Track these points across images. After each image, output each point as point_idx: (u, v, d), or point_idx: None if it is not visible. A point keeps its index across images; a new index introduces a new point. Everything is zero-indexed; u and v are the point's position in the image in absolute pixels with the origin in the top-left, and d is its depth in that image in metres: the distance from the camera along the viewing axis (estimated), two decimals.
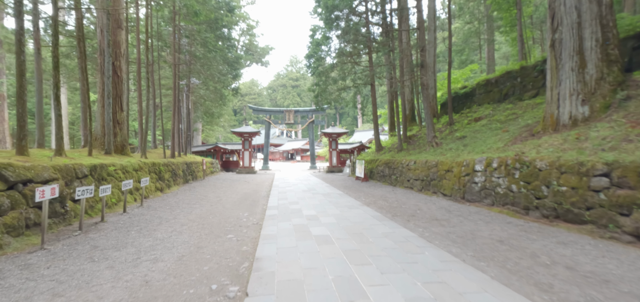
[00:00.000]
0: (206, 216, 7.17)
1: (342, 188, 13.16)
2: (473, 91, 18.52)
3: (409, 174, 11.91)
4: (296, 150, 62.09)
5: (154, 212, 7.45)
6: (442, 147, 12.36)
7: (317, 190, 12.36)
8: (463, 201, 8.30)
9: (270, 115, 31.59)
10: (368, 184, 14.73)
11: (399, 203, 8.88)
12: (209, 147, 25.32)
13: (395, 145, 18.80)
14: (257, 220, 6.82)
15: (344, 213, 7.39)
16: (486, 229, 5.69)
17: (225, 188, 13.21)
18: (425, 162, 10.83)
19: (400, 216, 7.15)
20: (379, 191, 11.97)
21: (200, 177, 17.08)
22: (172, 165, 12.93)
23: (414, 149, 15.43)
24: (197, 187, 13.09)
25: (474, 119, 15.00)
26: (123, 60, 10.98)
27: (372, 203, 9.06)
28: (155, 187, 10.42)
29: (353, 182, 15.76)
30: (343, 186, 14.30)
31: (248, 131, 23.18)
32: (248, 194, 11.47)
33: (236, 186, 14.30)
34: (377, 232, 5.58)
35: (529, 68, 14.68)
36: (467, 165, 8.38)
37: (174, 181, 12.68)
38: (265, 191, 12.45)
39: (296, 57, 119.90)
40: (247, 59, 42.94)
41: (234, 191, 12.36)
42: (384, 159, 15.21)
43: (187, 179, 14.70)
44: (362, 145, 25.87)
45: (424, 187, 10.61)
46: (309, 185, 14.41)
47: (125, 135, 11.01)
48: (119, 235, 5.40)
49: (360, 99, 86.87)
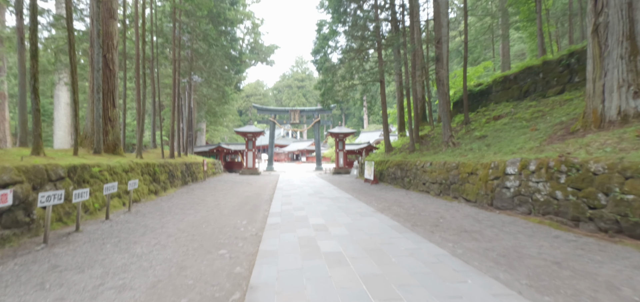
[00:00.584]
0: (199, 225, 6.28)
1: (351, 191, 12.20)
2: (489, 89, 17.44)
3: (425, 177, 10.91)
4: (301, 151, 61.27)
5: (140, 220, 6.59)
6: (460, 147, 11.32)
7: (324, 193, 11.43)
8: (491, 208, 7.28)
9: (275, 115, 30.77)
10: (378, 187, 13.75)
11: (417, 210, 7.90)
12: (211, 147, 24.56)
13: (406, 145, 17.78)
14: (256, 230, 5.91)
15: (357, 222, 6.44)
16: (531, 245, 4.69)
17: (226, 191, 12.35)
18: (444, 163, 9.82)
19: (422, 225, 6.18)
20: (391, 194, 10.99)
21: (200, 179, 16.27)
22: (170, 166, 12.11)
23: (427, 149, 14.42)
24: (195, 190, 12.25)
25: (492, 117, 13.94)
26: (115, 52, 10.20)
27: (386, 209, 8.09)
28: (149, 190, 9.59)
29: (362, 185, 14.79)
30: (351, 188, 13.34)
31: (252, 131, 22.35)
32: (249, 197, 10.58)
33: (237, 188, 13.43)
34: (399, 248, 4.62)
35: (552, 63, 13.59)
36: (495, 167, 7.37)
37: (171, 183, 11.86)
38: (268, 194, 11.55)
39: (302, 58, 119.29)
40: (252, 58, 42.25)
41: (234, 194, 11.49)
42: (395, 161, 14.22)
43: (186, 180, 13.88)
44: (370, 146, 24.87)
45: (442, 191, 9.60)
46: (315, 187, 13.48)
47: (118, 134, 10.21)
48: (91, 249, 4.53)
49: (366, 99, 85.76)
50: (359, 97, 22.40)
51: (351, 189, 13.27)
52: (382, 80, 18.80)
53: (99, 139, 8.97)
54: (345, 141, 24.06)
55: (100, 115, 8.95)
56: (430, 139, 16.54)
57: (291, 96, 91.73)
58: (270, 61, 43.94)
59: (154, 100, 16.90)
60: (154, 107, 17.06)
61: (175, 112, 15.45)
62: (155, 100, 16.95)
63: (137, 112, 13.95)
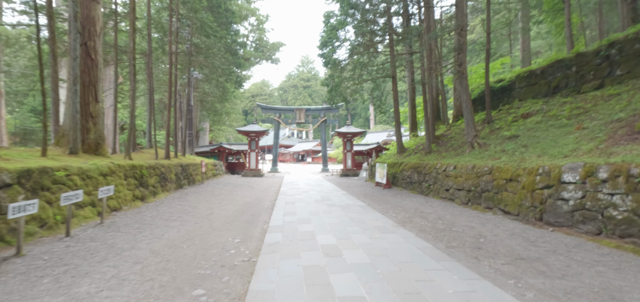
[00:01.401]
0: (180, 244, 5.04)
1: (363, 197, 10.89)
2: (511, 85, 15.98)
3: (447, 182, 9.55)
4: (307, 151, 60.09)
5: (110, 236, 5.38)
6: (489, 148, 9.94)
7: (332, 200, 10.14)
8: (541, 224, 5.92)
9: (280, 114, 29.58)
10: (392, 192, 12.41)
11: (445, 223, 6.56)
12: (213, 147, 23.45)
13: (421, 146, 16.40)
14: (250, 252, 4.65)
15: (377, 242, 5.14)
16: (629, 286, 3.35)
17: (224, 195, 11.14)
18: (472, 167, 8.45)
19: (459, 247, 4.86)
20: (409, 202, 9.65)
21: (198, 182, 15.10)
22: (162, 168, 10.94)
23: (446, 151, 13.04)
24: (190, 194, 11.06)
25: (520, 115, 12.50)
26: (99, 40, 9.04)
27: (408, 222, 6.78)
28: (133, 196, 8.40)
29: (373, 189, 13.47)
30: (362, 193, 12.03)
31: (255, 130, 21.17)
32: (248, 204, 9.35)
33: (237, 192, 12.22)
34: (443, 288, 3.32)
35: (588, 55, 12.10)
36: (545, 173, 6.00)
37: (163, 187, 10.69)
38: (270, 200, 10.31)
39: (307, 57, 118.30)
40: (257, 56, 41.18)
41: (232, 199, 10.27)
42: (410, 163, 12.87)
43: (181, 183, 12.71)
44: (379, 147, 23.51)
45: (471, 200, 8.23)
46: (323, 192, 12.20)
47: (101, 132, 9.06)
48: (19, 287, 3.32)
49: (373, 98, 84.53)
50: (367, 95, 21.07)
51: (362, 194, 11.95)
52: (394, 76, 17.45)
53: (75, 137, 7.82)
54: (353, 142, 22.74)
55: (77, 110, 7.80)
56: (447, 139, 15.16)
57: (297, 96, 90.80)
58: (276, 59, 42.83)
59: (150, 97, 15.81)
60: (150, 104, 15.97)
61: (171, 110, 14.30)
62: (151, 97, 15.86)
63: (131, 110, 12.84)
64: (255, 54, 40.69)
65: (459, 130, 15.48)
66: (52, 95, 9.42)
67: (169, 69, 14.14)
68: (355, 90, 19.57)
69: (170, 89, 14.17)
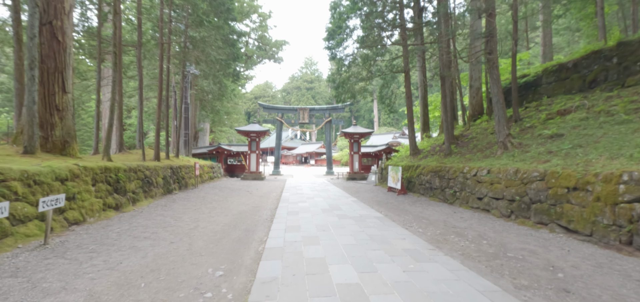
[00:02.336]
0: (136, 280, 3.58)
1: (376, 205, 9.39)
2: (537, 80, 14.43)
3: (480, 189, 8.02)
4: (310, 153, 58.69)
5: (43, 266, 3.93)
6: (529, 149, 8.40)
7: (342, 209, 8.64)
8: (631, 250, 4.38)
9: (283, 114, 28.18)
10: (409, 199, 10.90)
11: (493, 245, 5.05)
12: (210, 148, 22.05)
13: (437, 147, 14.88)
14: (234, 296, 3.18)
15: (415, 277, 3.64)
16: None
17: (216, 203, 9.69)
18: (515, 172, 6.93)
19: (535, 288, 3.36)
20: (432, 212, 8.13)
21: (191, 186, 13.68)
22: (146, 171, 9.53)
23: (469, 152, 11.52)
24: (178, 201, 9.62)
25: (555, 112, 10.95)
26: (68, 20, 7.66)
27: (443, 241, 5.28)
28: (104, 205, 6.97)
29: (386, 195, 11.95)
30: (375, 200, 10.53)
31: (255, 130, 19.74)
32: (243, 214, 7.88)
33: (233, 198, 10.77)
34: None
35: (634, 44, 10.56)
36: (634, 181, 4.48)
37: (146, 193, 9.26)
38: (270, 208, 8.84)
39: (311, 59, 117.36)
40: (260, 55, 39.89)
41: (225, 207, 8.81)
42: (430, 166, 11.34)
43: (171, 188, 11.28)
44: (388, 148, 21.98)
45: (515, 212, 6.70)
46: (330, 199, 10.70)
47: (69, 128, 7.66)
48: None
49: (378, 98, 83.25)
50: (377, 91, 19.55)
51: (375, 201, 10.45)
52: (407, 71, 15.95)
53: (32, 133, 6.41)
54: (360, 143, 21.24)
55: (34, 100, 6.39)
56: (467, 139, 13.63)
57: (300, 98, 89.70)
58: (279, 58, 41.49)
59: (140, 93, 14.45)
60: (140, 101, 14.61)
61: (161, 107, 12.92)
62: (141, 93, 14.49)
63: (110, 103, 11.47)
64: (258, 52, 39.41)
65: (480, 130, 13.96)
66: (15, 86, 8.05)
67: (160, 60, 12.76)
68: (363, 87, 18.11)
69: (160, 82, 12.78)
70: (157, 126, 12.80)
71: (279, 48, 39.53)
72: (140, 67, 13.50)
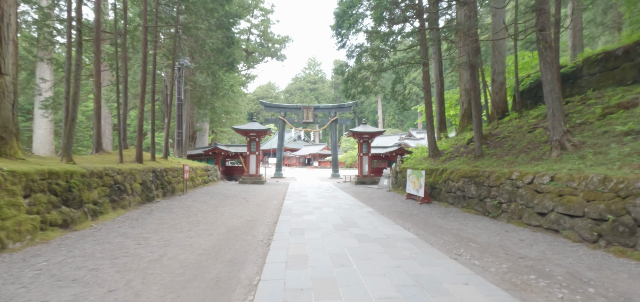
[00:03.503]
0: None
1: (400, 218, 7.52)
2: (577, 71, 12.55)
3: (543, 202, 6.13)
4: (314, 155, 56.95)
5: None
6: (604, 150, 6.50)
7: (360, 224, 6.79)
8: None
9: (285, 112, 26.44)
10: (436, 210, 9.02)
11: (611, 297, 3.18)
12: (206, 149, 20.28)
13: (461, 148, 12.99)
14: None
15: None
16: None
17: (202, 215, 7.88)
18: (603, 180, 5.05)
19: None
20: (476, 230, 6.26)
21: (179, 191, 11.90)
22: (115, 175, 7.75)
23: (506, 153, 9.66)
24: (154, 213, 7.82)
25: (615, 105, 9.06)
26: None
27: (524, 287, 3.45)
28: (44, 222, 5.18)
29: (405, 204, 10.07)
30: (396, 211, 8.66)
31: (255, 129, 17.95)
32: (232, 233, 6.06)
33: (224, 209, 8.95)
34: None
35: None
36: None
37: (116, 202, 7.48)
38: (268, 224, 7.01)
39: (314, 59, 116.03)
40: (262, 52, 38.21)
41: (210, 223, 6.99)
42: (460, 170, 9.46)
43: (151, 195, 9.50)
44: (401, 149, 20.09)
45: (607, 237, 4.80)
46: (342, 209, 8.84)
47: (6, 120, 5.88)
48: None
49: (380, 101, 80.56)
50: (389, 87, 17.69)
51: (396, 212, 8.58)
52: (426, 62, 14.09)
53: None
54: (370, 143, 19.36)
55: None
56: (498, 138, 11.77)
57: (303, 99, 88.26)
58: (282, 56, 39.76)
59: (124, 86, 12.73)
60: (124, 95, 12.88)
61: (144, 100, 11.17)
62: (125, 85, 12.77)
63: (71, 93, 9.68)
64: (260, 49, 37.74)
65: (514, 128, 12.07)
66: None
67: (143, 46, 11.01)
68: (374, 81, 16.26)
69: (143, 72, 11.03)
70: (140, 123, 11.03)
71: (281, 44, 37.82)
72: (124, 59, 11.78)
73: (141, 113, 11.05)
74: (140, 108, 11.03)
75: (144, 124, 13.75)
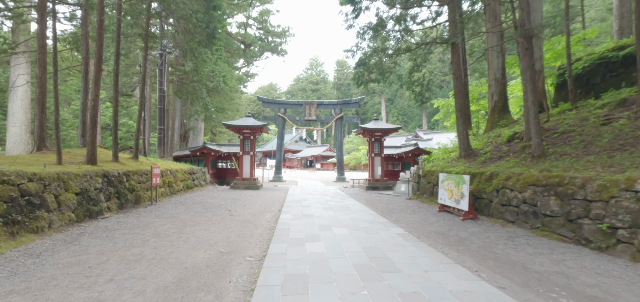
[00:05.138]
0: None
1: (450, 247, 4.89)
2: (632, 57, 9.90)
3: None
4: (316, 156, 54.41)
5: None
6: None
7: (400, 264, 4.15)
8: None
9: (285, 109, 23.93)
10: (492, 231, 6.37)
11: None
12: (194, 148, 17.71)
13: (502, 146, 10.37)
14: None
15: None
16: None
17: (155, 243, 5.29)
18: None
19: None
20: (593, 277, 3.63)
21: (146, 201, 9.31)
22: (26, 183, 5.17)
23: (585, 152, 7.05)
24: (81, 241, 5.24)
25: None
26: None
27: None
28: None
29: (441, 219, 7.43)
30: (440, 234, 6.02)
31: (248, 125, 15.37)
32: (184, 285, 3.46)
33: (193, 231, 6.35)
34: None
35: None
36: None
37: (22, 225, 4.90)
38: (250, 261, 4.41)
39: (317, 59, 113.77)
40: (262, 46, 35.72)
41: (160, 261, 4.39)
42: (525, 176, 6.81)
43: (97, 209, 6.90)
44: (418, 149, 17.45)
45: None
46: (360, 230, 6.20)
47: None
48: None
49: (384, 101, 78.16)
50: (406, 74, 15.06)
51: (439, 235, 5.96)
52: (457, 42, 11.51)
53: None
54: (382, 142, 16.75)
55: None
56: (555, 133, 9.18)
57: (305, 100, 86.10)
58: (282, 51, 37.24)
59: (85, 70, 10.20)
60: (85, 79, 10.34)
61: (98, 84, 8.60)
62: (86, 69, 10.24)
63: (37, 84, 7.22)
64: (260, 43, 35.25)
65: (575, 120, 9.46)
66: None
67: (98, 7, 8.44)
68: (389, 68, 13.63)
69: (98, 45, 8.47)
70: (93, 111, 8.46)
71: (282, 38, 35.33)
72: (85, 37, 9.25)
73: (95, 97, 8.49)
74: (94, 91, 8.47)
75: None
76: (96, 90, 8.54)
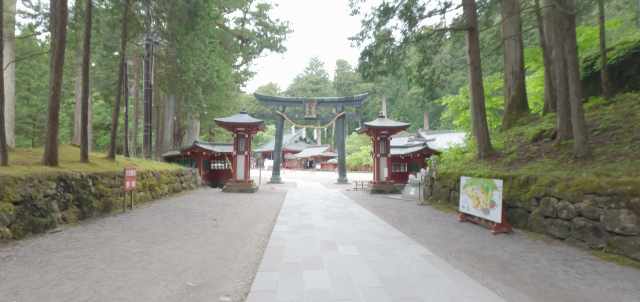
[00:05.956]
0: None
1: (492, 277, 3.53)
2: None
3: None
4: (316, 157, 53.12)
5: None
6: None
7: None
8: None
9: (284, 106, 22.62)
10: (538, 250, 5.06)
11: None
12: (184, 148, 16.38)
13: (530, 146, 9.05)
14: None
15: None
16: None
17: (99, 276, 3.98)
18: None
19: None
20: None
21: (118, 208, 8.00)
22: None
23: (639, 153, 5.74)
24: (5, 265, 3.93)
25: None
26: None
27: None
28: None
29: (465, 232, 6.10)
30: (472, 255, 4.68)
31: (242, 122, 14.04)
32: None
33: (160, 251, 5.03)
34: None
35: None
36: None
37: None
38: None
39: (317, 59, 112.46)
40: (260, 43, 34.39)
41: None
42: (577, 181, 5.49)
43: (45, 221, 5.59)
44: (426, 149, 16.13)
45: None
46: (373, 250, 4.86)
47: None
48: None
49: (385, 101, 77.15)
50: (415, 68, 13.76)
51: (472, 256, 4.63)
52: (474, 27, 10.27)
53: None
54: (389, 141, 15.43)
55: None
56: (595, 130, 7.90)
57: None
58: (282, 47, 35.89)
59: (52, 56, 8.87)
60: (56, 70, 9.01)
61: (60, 70, 7.30)
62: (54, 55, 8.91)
63: None
64: (258, 40, 33.93)
65: (616, 115, 8.16)
66: None
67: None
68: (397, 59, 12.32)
69: (60, 24, 7.17)
70: (52, 103, 7.15)
71: (281, 34, 34.01)
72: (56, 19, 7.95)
73: (56, 85, 7.19)
74: (54, 79, 7.15)
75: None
76: (57, 78, 7.23)
